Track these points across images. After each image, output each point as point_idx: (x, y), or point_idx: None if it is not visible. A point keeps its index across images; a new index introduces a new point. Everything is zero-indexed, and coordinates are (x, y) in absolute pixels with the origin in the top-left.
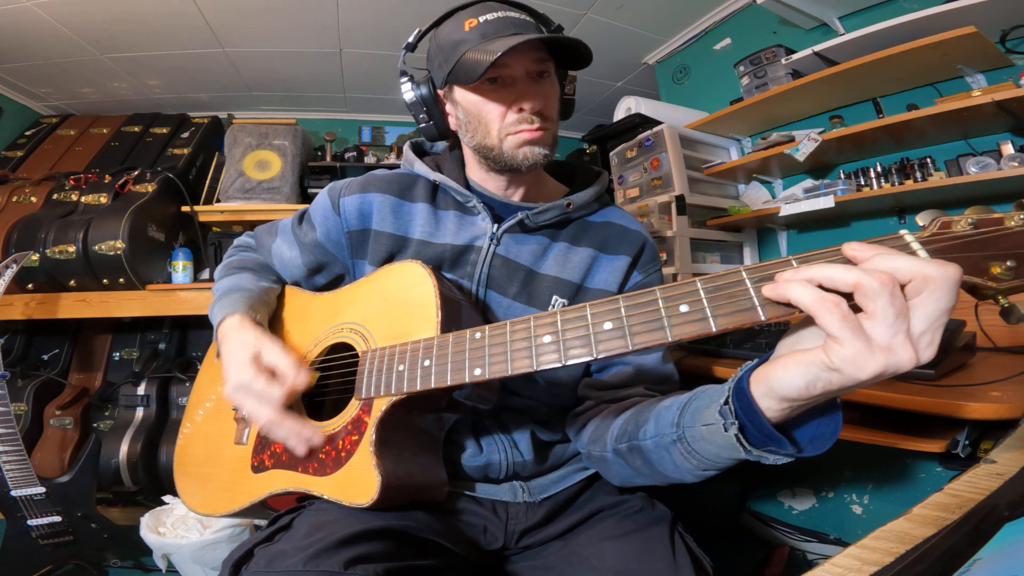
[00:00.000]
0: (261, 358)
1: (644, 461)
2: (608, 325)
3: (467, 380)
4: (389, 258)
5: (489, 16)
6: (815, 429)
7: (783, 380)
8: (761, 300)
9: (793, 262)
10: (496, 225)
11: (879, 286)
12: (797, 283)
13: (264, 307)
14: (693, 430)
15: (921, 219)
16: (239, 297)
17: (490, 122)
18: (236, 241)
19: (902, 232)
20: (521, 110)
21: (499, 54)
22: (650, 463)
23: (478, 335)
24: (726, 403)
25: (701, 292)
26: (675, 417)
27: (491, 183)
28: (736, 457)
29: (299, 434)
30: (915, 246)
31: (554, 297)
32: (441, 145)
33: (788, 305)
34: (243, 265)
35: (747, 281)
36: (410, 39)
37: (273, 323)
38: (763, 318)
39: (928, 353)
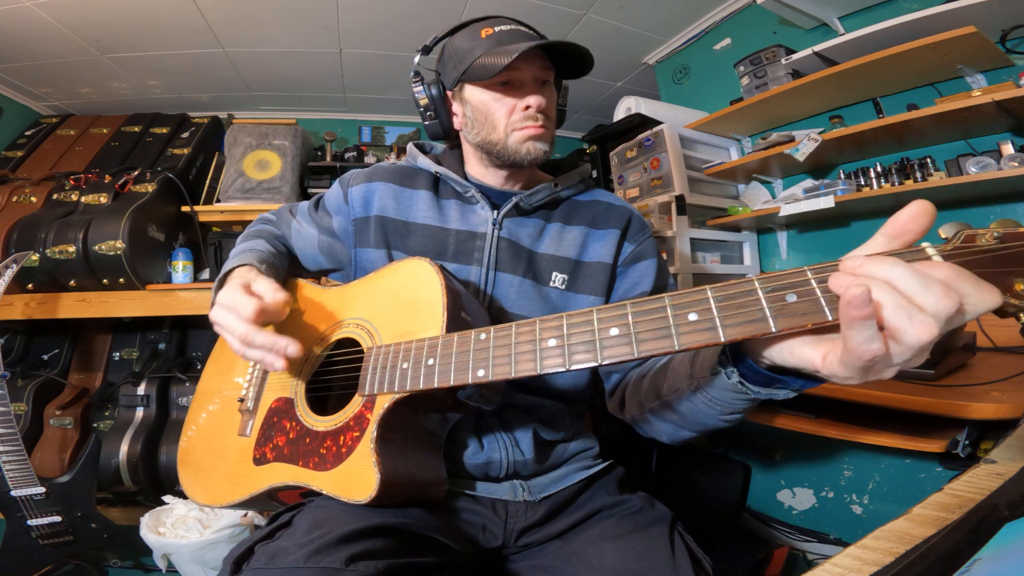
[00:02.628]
0: (251, 286)
1: (679, 415)
2: (614, 331)
3: (470, 381)
4: (391, 242)
5: (503, 27)
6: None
7: (775, 357)
8: (773, 311)
9: (807, 273)
10: (495, 211)
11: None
12: (867, 326)
13: (272, 269)
14: (705, 380)
15: (944, 231)
16: (249, 255)
17: (498, 118)
18: (259, 216)
19: (924, 245)
20: (528, 107)
21: (516, 55)
22: (684, 416)
23: (483, 336)
24: (724, 353)
25: (711, 301)
26: (688, 370)
27: (489, 177)
28: (749, 398)
29: (273, 345)
30: (937, 260)
31: (554, 273)
32: (440, 147)
33: (803, 316)
34: (259, 234)
35: (759, 291)
36: (427, 42)
37: None
38: (774, 329)
39: (914, 366)
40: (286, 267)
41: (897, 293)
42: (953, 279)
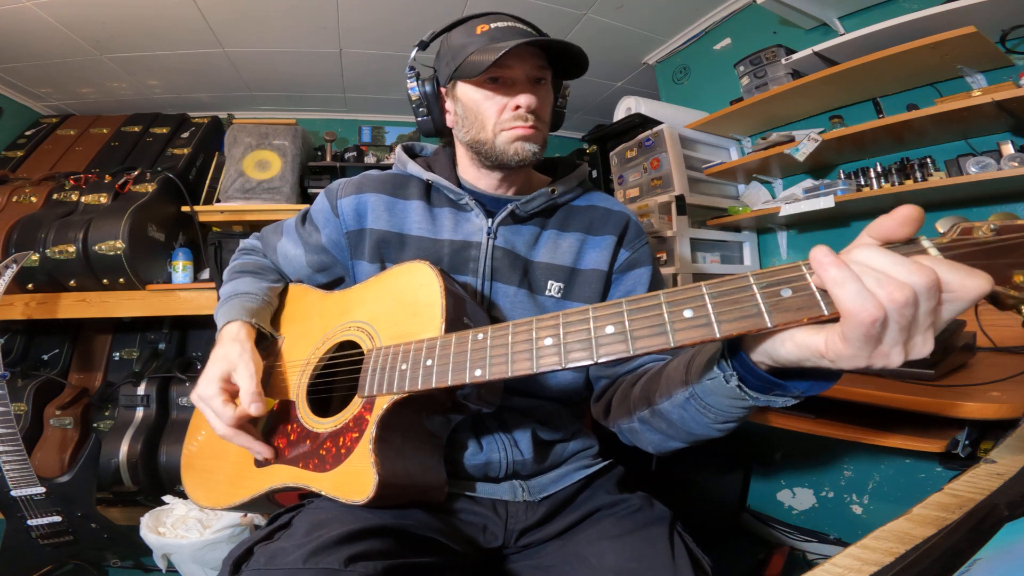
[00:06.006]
0: (232, 377)
1: (668, 423)
2: (610, 329)
3: (467, 380)
4: (385, 255)
5: (500, 24)
6: (814, 379)
7: (779, 351)
8: (768, 306)
9: (802, 268)
10: (490, 220)
11: (924, 315)
12: (849, 279)
13: (265, 308)
14: (701, 385)
15: (941, 225)
16: (237, 303)
17: (487, 117)
18: (242, 244)
19: (920, 237)
20: (517, 107)
21: (504, 51)
22: (674, 424)
23: (480, 336)
24: (723, 356)
25: (706, 297)
26: (683, 375)
27: (483, 181)
28: (747, 405)
29: (249, 449)
30: (933, 252)
31: (550, 282)
32: (430, 149)
33: (798, 311)
34: (244, 268)
35: (754, 287)
36: (424, 37)
37: (284, 321)
38: (769, 325)
39: (922, 354)
40: (277, 297)
41: (870, 269)
42: (932, 261)
